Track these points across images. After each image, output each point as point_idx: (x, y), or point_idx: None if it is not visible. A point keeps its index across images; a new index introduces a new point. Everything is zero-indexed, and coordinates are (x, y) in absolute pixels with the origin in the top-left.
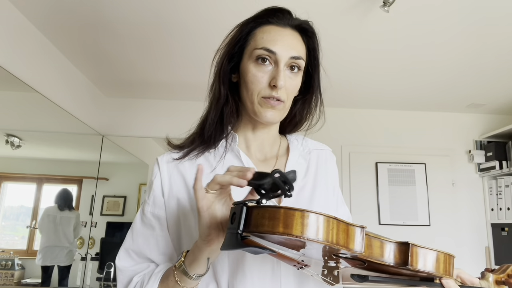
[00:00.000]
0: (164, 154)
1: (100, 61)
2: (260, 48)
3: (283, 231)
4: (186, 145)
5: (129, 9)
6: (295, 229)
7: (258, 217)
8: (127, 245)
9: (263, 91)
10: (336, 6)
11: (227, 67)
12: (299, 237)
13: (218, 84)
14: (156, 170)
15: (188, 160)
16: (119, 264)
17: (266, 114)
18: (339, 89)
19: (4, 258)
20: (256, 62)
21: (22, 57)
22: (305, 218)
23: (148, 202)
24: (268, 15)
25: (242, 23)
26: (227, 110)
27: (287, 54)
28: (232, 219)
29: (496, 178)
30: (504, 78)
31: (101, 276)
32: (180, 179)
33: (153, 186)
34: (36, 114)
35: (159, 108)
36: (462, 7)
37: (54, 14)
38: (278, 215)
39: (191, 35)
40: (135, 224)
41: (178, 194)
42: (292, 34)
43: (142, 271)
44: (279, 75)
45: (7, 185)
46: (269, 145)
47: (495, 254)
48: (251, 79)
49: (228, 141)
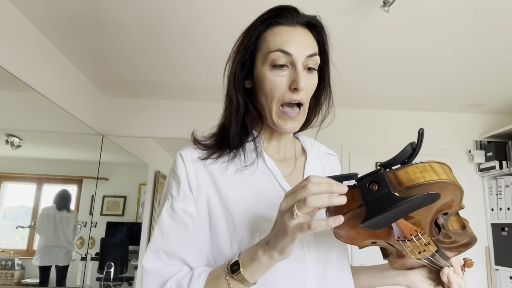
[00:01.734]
0: (188, 149)
1: (100, 61)
2: (274, 51)
3: (438, 178)
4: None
5: (129, 9)
6: (442, 175)
7: (410, 174)
8: (156, 245)
9: (284, 96)
10: (336, 6)
11: (241, 75)
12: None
13: (235, 94)
14: (180, 164)
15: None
16: (147, 266)
17: (287, 126)
18: (339, 89)
19: (4, 258)
20: (272, 67)
21: (22, 57)
22: (443, 166)
23: (178, 198)
24: (276, 16)
25: (249, 28)
26: (249, 118)
27: (303, 53)
28: (370, 188)
29: (496, 178)
30: (504, 78)
31: (101, 276)
32: (208, 177)
33: (181, 182)
34: (36, 114)
35: (159, 108)
36: (462, 7)
37: (54, 14)
38: (428, 167)
39: (191, 35)
40: (163, 222)
41: (206, 191)
42: (303, 32)
43: (174, 275)
44: (299, 77)
45: (7, 185)
46: (286, 145)
47: (495, 254)
48: (270, 85)
49: (258, 148)
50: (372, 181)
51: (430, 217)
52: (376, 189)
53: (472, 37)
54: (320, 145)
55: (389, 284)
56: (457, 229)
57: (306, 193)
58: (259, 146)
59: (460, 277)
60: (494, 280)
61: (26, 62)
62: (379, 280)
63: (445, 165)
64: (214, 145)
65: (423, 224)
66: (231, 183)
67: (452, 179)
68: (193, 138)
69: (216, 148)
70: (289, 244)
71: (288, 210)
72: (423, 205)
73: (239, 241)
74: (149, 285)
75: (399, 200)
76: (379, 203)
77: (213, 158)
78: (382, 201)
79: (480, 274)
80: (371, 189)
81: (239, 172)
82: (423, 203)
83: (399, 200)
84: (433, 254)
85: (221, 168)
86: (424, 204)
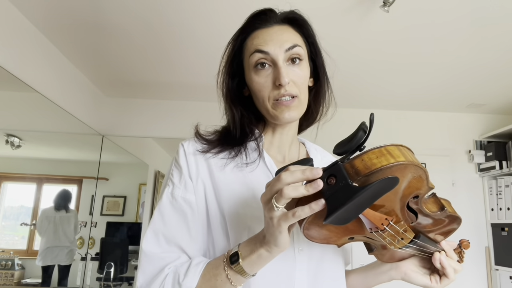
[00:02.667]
0: (190, 142)
1: (100, 61)
2: (253, 53)
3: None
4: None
5: (129, 9)
6: (399, 157)
7: (366, 161)
8: (157, 227)
9: (272, 94)
10: (336, 6)
11: (232, 85)
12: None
13: (229, 106)
14: (182, 153)
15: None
16: (146, 249)
17: (284, 115)
18: (339, 89)
19: (4, 258)
20: (256, 69)
21: (22, 57)
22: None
23: (179, 186)
24: (253, 22)
25: (232, 39)
26: (247, 122)
27: (281, 49)
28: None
29: (496, 178)
30: (504, 78)
31: (101, 276)
32: (206, 170)
33: (183, 170)
34: (36, 114)
35: (159, 108)
36: (462, 7)
37: (54, 14)
38: (384, 152)
39: (191, 36)
40: (163, 207)
41: (205, 182)
42: (281, 29)
43: (172, 262)
44: (280, 73)
45: (7, 185)
46: (288, 146)
47: (495, 254)
48: (257, 87)
49: (259, 147)
50: (329, 175)
51: (400, 203)
52: (334, 183)
53: (472, 37)
54: (326, 152)
55: (384, 280)
56: (435, 211)
57: (281, 184)
58: (261, 145)
59: (454, 261)
60: (494, 280)
61: (26, 62)
62: (373, 279)
63: (404, 147)
64: (216, 140)
65: (396, 211)
66: (228, 179)
67: (411, 160)
68: (196, 131)
69: (217, 143)
70: (278, 236)
71: (268, 203)
72: (384, 191)
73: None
74: (147, 269)
75: (358, 190)
76: (338, 197)
77: (213, 152)
78: (341, 194)
79: (480, 274)
80: (329, 184)
81: (238, 169)
82: (384, 188)
83: (358, 190)
84: (413, 241)
85: (220, 164)
86: (385, 189)
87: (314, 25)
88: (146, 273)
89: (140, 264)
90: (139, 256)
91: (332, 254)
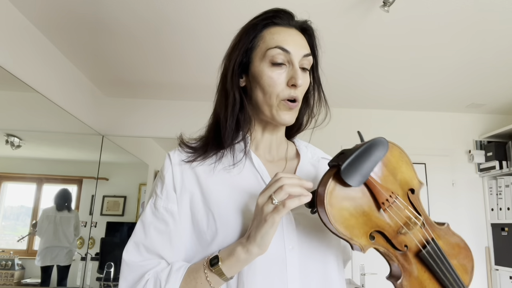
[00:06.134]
0: (176, 151)
1: (100, 61)
2: (274, 47)
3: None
4: (200, 148)
5: (129, 9)
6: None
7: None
8: (137, 239)
9: (282, 93)
10: (336, 6)
11: (237, 71)
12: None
13: (233, 91)
14: (167, 164)
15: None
16: (127, 258)
17: (285, 117)
18: (339, 90)
19: (4, 258)
20: (271, 64)
21: (22, 57)
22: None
23: (161, 196)
24: (273, 17)
25: (247, 26)
26: (243, 116)
27: (300, 53)
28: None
29: (496, 178)
30: (504, 78)
31: (101, 276)
32: (193, 178)
33: (165, 180)
34: (36, 114)
35: (159, 108)
36: (462, 7)
37: (54, 14)
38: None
39: (191, 36)
40: (145, 218)
41: (191, 191)
42: (298, 34)
43: (153, 268)
44: (297, 74)
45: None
46: (276, 146)
47: (495, 254)
48: (268, 82)
49: (246, 147)
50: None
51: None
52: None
53: (472, 37)
54: (316, 149)
55: None
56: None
57: (282, 183)
58: (248, 145)
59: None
60: (494, 280)
61: (26, 62)
62: None
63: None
64: (201, 147)
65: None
66: (216, 182)
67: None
68: (180, 140)
69: (202, 150)
70: (268, 231)
71: (266, 202)
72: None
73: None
74: (128, 277)
75: (359, 145)
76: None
77: (199, 160)
78: (349, 152)
79: (480, 274)
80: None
81: (226, 172)
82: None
83: (359, 145)
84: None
85: (208, 170)
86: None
87: (314, 25)
88: (128, 279)
89: (121, 272)
90: (121, 267)
91: (325, 251)
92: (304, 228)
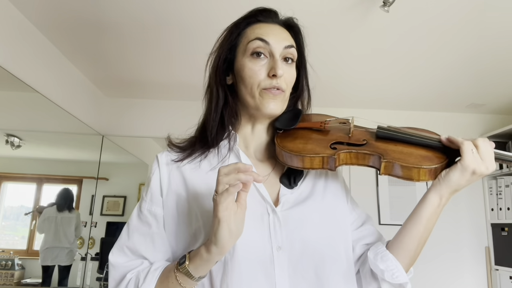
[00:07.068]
0: (164, 152)
1: (100, 61)
2: (253, 39)
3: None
4: (187, 147)
5: (129, 9)
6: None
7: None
8: (121, 242)
9: (263, 83)
10: (336, 6)
11: (222, 68)
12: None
13: (216, 86)
14: (155, 167)
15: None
16: (112, 260)
17: (269, 105)
18: (339, 90)
19: (4, 258)
20: (252, 57)
21: (22, 57)
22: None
23: (146, 199)
24: (256, 15)
25: (231, 25)
26: (227, 111)
27: (281, 44)
28: None
29: (496, 178)
30: (504, 78)
31: (101, 276)
32: (179, 178)
33: (151, 184)
34: (36, 114)
35: (159, 108)
36: (462, 7)
37: (54, 14)
38: None
39: (191, 36)
40: (131, 221)
41: (177, 192)
42: (281, 28)
43: (136, 268)
44: (277, 64)
45: (7, 185)
46: (267, 145)
47: (495, 254)
48: (249, 73)
49: (231, 142)
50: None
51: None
52: None
53: (471, 37)
54: None
55: (430, 211)
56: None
57: (219, 175)
58: (233, 143)
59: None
60: (494, 280)
61: (26, 62)
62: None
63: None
64: (189, 146)
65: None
66: (202, 181)
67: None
68: (168, 141)
69: (191, 150)
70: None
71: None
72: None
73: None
74: (115, 276)
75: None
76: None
77: (187, 159)
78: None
79: (480, 274)
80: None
81: (212, 170)
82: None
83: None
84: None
85: (194, 167)
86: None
87: (314, 25)
88: (116, 279)
89: (109, 273)
90: (108, 267)
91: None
92: (294, 228)
